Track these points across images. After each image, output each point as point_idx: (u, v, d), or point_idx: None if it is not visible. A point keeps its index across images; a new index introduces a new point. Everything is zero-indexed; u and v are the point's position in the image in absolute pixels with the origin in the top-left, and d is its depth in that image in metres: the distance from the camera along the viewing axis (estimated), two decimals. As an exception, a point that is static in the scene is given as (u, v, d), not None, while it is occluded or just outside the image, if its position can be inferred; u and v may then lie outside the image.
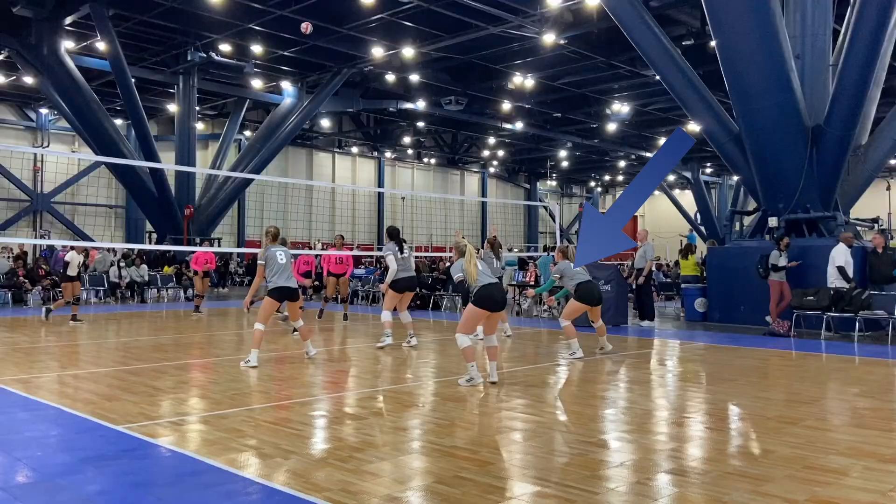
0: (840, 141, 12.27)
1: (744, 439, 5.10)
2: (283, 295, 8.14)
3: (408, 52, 19.70)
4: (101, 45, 19.54)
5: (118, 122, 25.82)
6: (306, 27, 12.97)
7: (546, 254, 17.95)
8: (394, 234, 9.92)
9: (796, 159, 12.56)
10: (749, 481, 4.03)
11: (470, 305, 6.94)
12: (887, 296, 11.32)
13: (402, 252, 9.75)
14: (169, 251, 21.33)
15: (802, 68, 12.69)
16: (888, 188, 28.48)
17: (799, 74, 12.39)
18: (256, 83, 24.47)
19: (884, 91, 14.82)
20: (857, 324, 11.12)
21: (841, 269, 11.45)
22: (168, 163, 25.22)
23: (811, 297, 11.74)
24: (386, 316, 9.77)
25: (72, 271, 12.89)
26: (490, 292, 6.85)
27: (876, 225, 14.24)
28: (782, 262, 12.02)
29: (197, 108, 25.37)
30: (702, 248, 22.25)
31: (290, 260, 8.40)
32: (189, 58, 21.97)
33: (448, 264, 19.58)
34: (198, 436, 5.08)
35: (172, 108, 25.57)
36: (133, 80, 20.79)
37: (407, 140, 35.09)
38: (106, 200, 29.34)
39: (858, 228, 14.22)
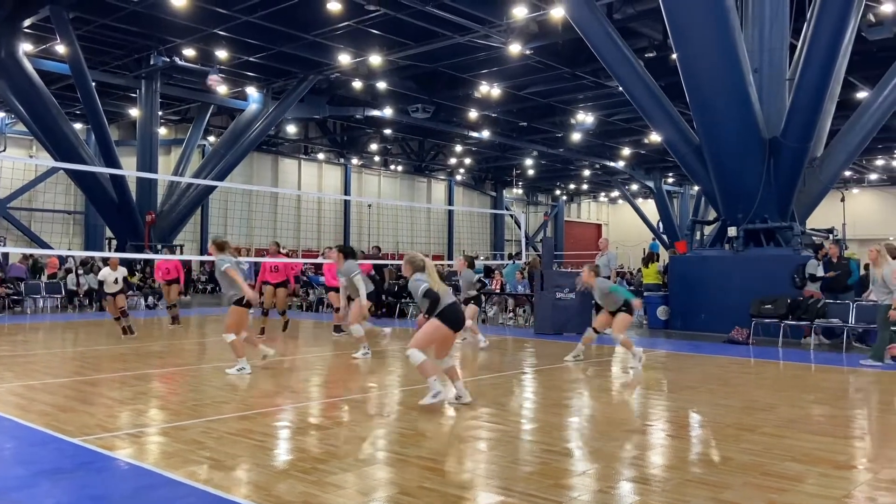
0: (796, 153, 12.60)
1: (704, 447, 5.19)
2: (249, 304, 8.19)
3: (375, 59, 19.70)
4: (60, 48, 19.13)
5: (78, 126, 25.27)
6: (214, 82, 11.42)
7: (511, 262, 18.06)
8: (352, 253, 10.05)
9: (754, 171, 12.85)
10: (708, 488, 4.10)
11: (435, 320, 6.35)
12: (842, 304, 11.64)
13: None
14: (134, 259, 20.90)
15: (760, 82, 13.00)
16: (842, 199, 29.32)
17: (757, 88, 12.69)
18: (221, 88, 24.20)
19: (838, 104, 15.27)
20: (813, 332, 11.40)
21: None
22: (129, 168, 24.75)
23: (769, 306, 12.01)
24: (358, 329, 9.69)
25: (108, 289, 12.01)
26: (456, 310, 6.53)
27: (831, 235, 14.62)
28: (820, 272, 11.92)
29: (160, 112, 24.97)
30: (664, 256, 22.59)
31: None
32: (152, 62, 21.62)
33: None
34: (157, 448, 4.99)
35: (134, 112, 25.12)
36: (94, 83, 20.40)
37: (374, 147, 35.02)
38: (64, 206, 28.66)
39: (814, 238, 14.60)
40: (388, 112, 26.10)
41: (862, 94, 18.12)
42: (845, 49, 13.32)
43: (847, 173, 31.20)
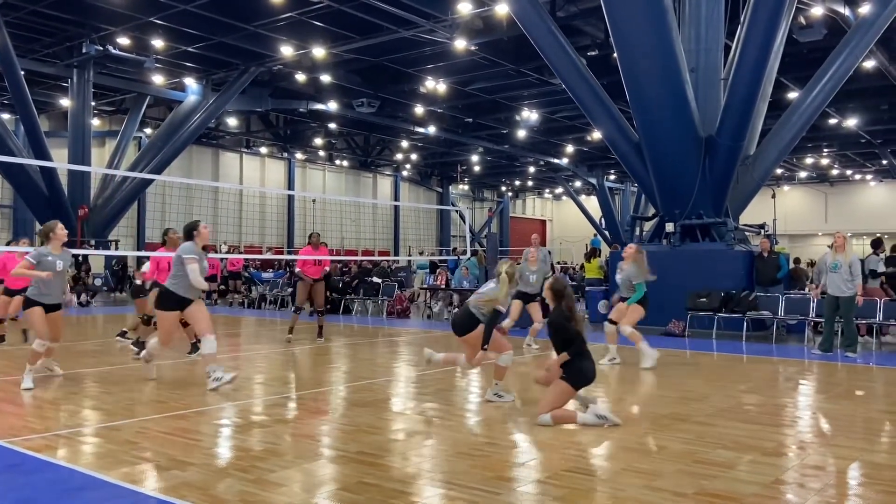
0: (730, 151, 13.00)
1: (639, 437, 5.32)
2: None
3: (318, 52, 19.43)
4: (-14, 35, 18.26)
5: (5, 116, 24.15)
6: (70, 300, 9.27)
7: (466, 256, 18.12)
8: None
9: (691, 168, 13.21)
10: (643, 477, 4.20)
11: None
12: (771, 297, 12.09)
13: None
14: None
15: (697, 81, 13.35)
16: (773, 196, 30.38)
17: (693, 87, 13.03)
18: (158, 79, 23.49)
19: (770, 104, 15.82)
20: (745, 324, 11.82)
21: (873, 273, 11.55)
22: (61, 160, 23.80)
23: (703, 299, 12.39)
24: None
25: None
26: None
27: (762, 230, 15.15)
28: (881, 267, 11.80)
29: (93, 103, 24.07)
30: (605, 251, 23.04)
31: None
32: (84, 51, 20.79)
33: (370, 265, 19.52)
34: (89, 449, 4.84)
35: (66, 102, 24.16)
36: (22, 72, 19.54)
37: (318, 141, 34.58)
38: (-9, 199, 27.43)
39: (746, 234, 15.11)
40: (332, 106, 25.80)
41: (793, 95, 18.81)
42: (777, 50, 13.80)
43: (778, 171, 32.38)
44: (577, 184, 43.39)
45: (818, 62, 14.63)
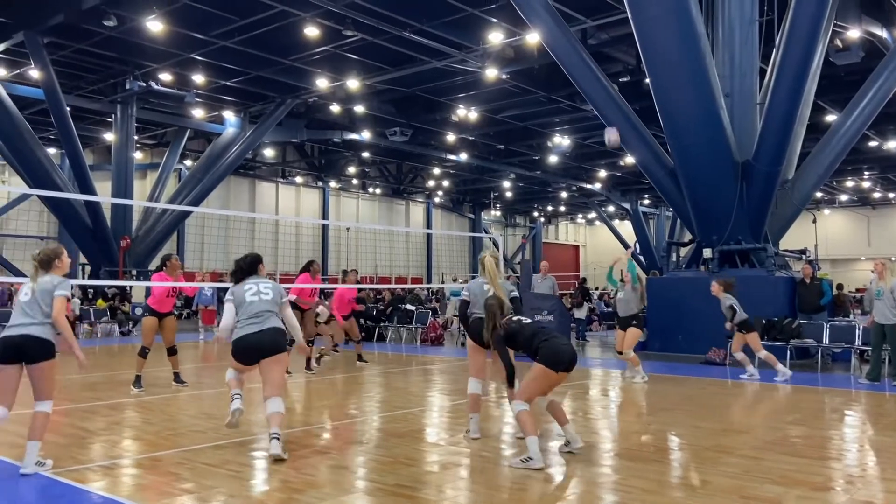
0: (768, 176, 12.82)
1: (683, 470, 5.20)
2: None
3: (352, 83, 19.79)
4: (35, 73, 18.98)
5: (52, 151, 24.99)
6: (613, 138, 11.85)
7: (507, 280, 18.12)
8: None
9: (727, 193, 13.05)
10: (687, 512, 4.10)
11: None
12: (815, 324, 11.79)
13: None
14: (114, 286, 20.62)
15: (731, 106, 13.24)
16: (814, 220, 29.78)
17: (728, 112, 12.93)
18: (198, 113, 24.12)
19: (809, 127, 15.59)
20: (788, 352, 11.52)
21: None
22: (104, 193, 24.48)
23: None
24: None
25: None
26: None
27: (804, 256, 14.85)
28: None
29: (135, 137, 24.79)
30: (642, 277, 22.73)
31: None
32: (128, 87, 21.51)
33: (402, 293, 19.56)
34: (131, 480, 4.89)
35: (109, 137, 24.92)
36: (68, 108, 20.24)
37: (352, 170, 35.04)
38: (37, 231, 28.24)
39: (787, 259, 14.81)
40: (366, 135, 26.17)
41: (831, 117, 18.53)
42: (814, 73, 13.64)
43: (818, 195, 31.80)
44: (611, 209, 43.10)
45: (857, 85, 14.42)
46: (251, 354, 5.52)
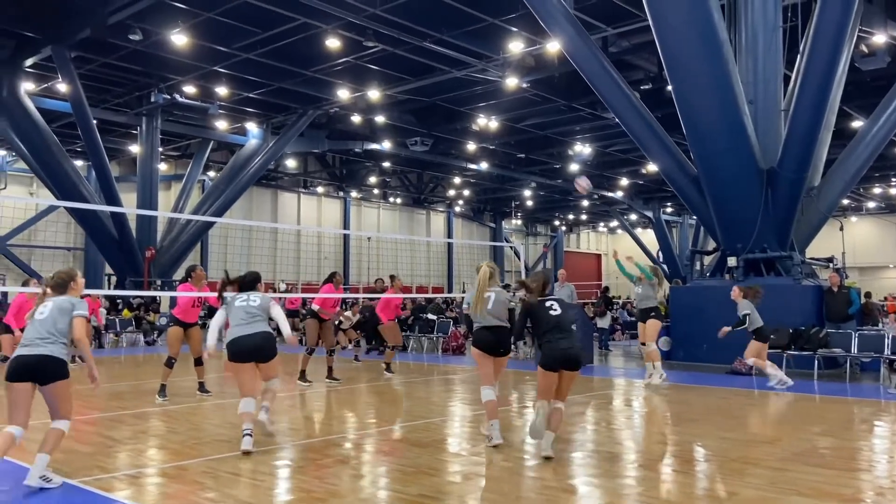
0: (793, 183, 12.65)
1: (709, 481, 5.13)
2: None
3: (373, 94, 19.91)
4: (62, 87, 19.35)
5: (79, 163, 25.41)
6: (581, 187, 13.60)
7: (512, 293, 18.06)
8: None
9: (752, 201, 12.89)
10: (714, 525, 4.04)
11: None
12: (843, 333, 11.59)
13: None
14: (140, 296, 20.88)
15: (755, 113, 13.10)
16: (841, 228, 29.33)
17: (752, 119, 12.79)
18: (221, 124, 24.41)
19: (834, 134, 15.37)
20: (816, 362, 11.34)
21: None
22: (130, 204, 24.83)
23: (771, 336, 11.94)
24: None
25: None
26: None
27: (831, 264, 14.62)
28: None
29: (160, 149, 25.13)
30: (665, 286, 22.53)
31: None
32: (153, 99, 21.83)
33: (424, 302, 19.58)
34: (156, 489, 4.93)
35: (135, 148, 25.30)
36: (95, 121, 20.58)
37: (373, 180, 35.19)
38: (64, 242, 28.70)
39: (814, 267, 14.59)
40: (386, 145, 26.29)
41: (857, 124, 18.26)
42: (839, 79, 13.45)
43: (845, 202, 31.35)
44: (633, 217, 42.79)
45: (883, 90, 14.20)
46: (244, 354, 6.19)
